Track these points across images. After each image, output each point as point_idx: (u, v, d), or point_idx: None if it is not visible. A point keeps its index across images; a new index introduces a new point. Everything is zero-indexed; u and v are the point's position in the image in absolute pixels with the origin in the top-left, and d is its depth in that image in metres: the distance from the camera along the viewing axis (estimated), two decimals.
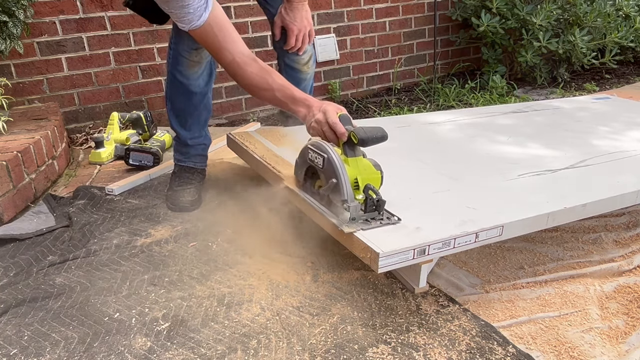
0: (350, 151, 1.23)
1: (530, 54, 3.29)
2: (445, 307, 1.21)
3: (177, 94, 1.73)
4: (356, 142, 1.21)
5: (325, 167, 1.19)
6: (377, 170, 1.23)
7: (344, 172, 1.16)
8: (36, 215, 1.69)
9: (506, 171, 1.51)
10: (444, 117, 2.13)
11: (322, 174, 1.23)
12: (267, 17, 1.88)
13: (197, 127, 1.82)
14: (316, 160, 1.23)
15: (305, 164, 1.31)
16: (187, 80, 1.69)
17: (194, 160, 1.85)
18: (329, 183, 1.18)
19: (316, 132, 1.31)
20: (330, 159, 1.18)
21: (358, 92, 3.47)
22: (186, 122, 1.79)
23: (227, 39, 1.43)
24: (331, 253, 1.44)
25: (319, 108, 1.32)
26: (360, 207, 1.16)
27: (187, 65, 1.66)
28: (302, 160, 1.33)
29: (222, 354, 1.07)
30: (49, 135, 2.00)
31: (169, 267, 1.39)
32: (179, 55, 1.65)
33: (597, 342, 1.09)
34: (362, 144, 1.21)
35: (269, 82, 1.42)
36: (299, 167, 1.36)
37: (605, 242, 1.47)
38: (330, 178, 1.17)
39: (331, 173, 1.17)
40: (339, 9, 3.25)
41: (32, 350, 1.10)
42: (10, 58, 2.38)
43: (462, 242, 1.15)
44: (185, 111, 1.77)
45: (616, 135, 1.86)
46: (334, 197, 1.19)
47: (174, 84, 1.71)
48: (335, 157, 1.17)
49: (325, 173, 1.20)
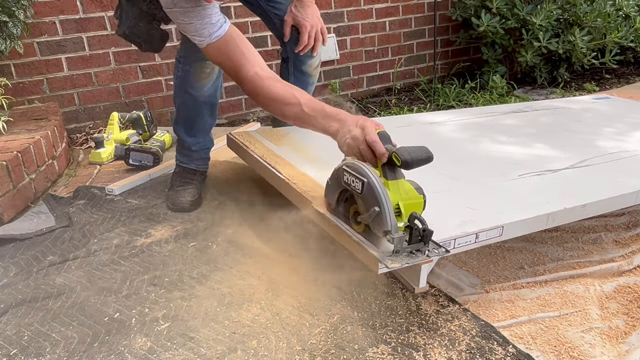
0: (390, 173, 1.11)
1: (530, 54, 3.29)
2: (445, 307, 1.21)
3: (186, 105, 1.73)
4: (399, 164, 1.08)
5: (365, 193, 1.07)
6: (420, 195, 1.11)
7: (387, 199, 1.04)
8: (36, 215, 1.69)
9: (506, 171, 1.51)
10: (444, 117, 2.13)
11: (360, 200, 1.10)
12: (266, 25, 1.83)
13: (203, 134, 1.83)
14: (353, 184, 1.11)
15: (338, 187, 1.18)
16: (198, 92, 1.69)
17: (197, 163, 1.85)
18: (369, 211, 1.06)
19: (352, 150, 1.17)
20: (371, 184, 1.06)
21: (358, 92, 3.47)
22: (192, 130, 1.79)
23: (250, 50, 1.35)
24: (331, 253, 1.44)
25: (355, 123, 1.18)
26: (405, 237, 1.04)
27: (198, 79, 1.65)
28: (335, 182, 1.20)
29: (222, 354, 1.07)
30: (49, 135, 2.00)
31: (169, 267, 1.39)
32: (191, 70, 1.63)
33: (597, 342, 1.09)
34: (405, 167, 1.08)
35: (296, 95, 1.29)
36: (331, 189, 1.22)
37: (605, 242, 1.47)
38: (371, 205, 1.06)
39: (372, 200, 1.06)
40: (339, 9, 3.25)
41: (32, 350, 1.10)
42: (10, 58, 2.38)
43: (462, 242, 1.15)
44: (193, 121, 1.77)
45: (616, 135, 1.86)
46: (374, 226, 1.07)
47: (183, 98, 1.71)
48: (377, 182, 1.06)
49: (365, 199, 1.08)
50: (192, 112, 1.75)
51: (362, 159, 1.15)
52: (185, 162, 1.84)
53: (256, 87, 1.33)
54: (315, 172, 1.51)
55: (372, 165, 1.13)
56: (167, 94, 2.80)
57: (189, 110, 1.75)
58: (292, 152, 1.68)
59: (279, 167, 1.54)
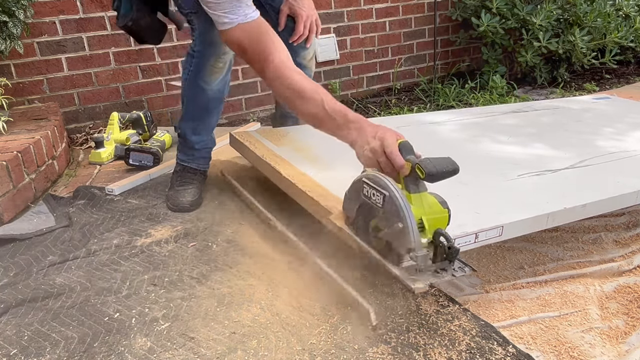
0: (413, 186, 1.05)
1: (530, 54, 3.29)
2: (445, 307, 1.21)
3: (196, 101, 1.74)
4: (422, 176, 1.03)
5: (386, 207, 1.02)
6: (445, 209, 1.05)
7: (411, 215, 0.99)
8: (36, 215, 1.69)
9: (506, 171, 1.51)
10: (444, 117, 2.13)
11: (380, 214, 1.05)
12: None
13: (206, 132, 1.83)
14: (374, 197, 1.06)
15: (358, 200, 1.13)
16: (209, 86, 1.69)
17: (198, 162, 1.85)
18: (392, 227, 1.01)
19: (371, 163, 1.13)
20: (393, 198, 1.01)
21: (358, 92, 3.47)
22: (198, 128, 1.79)
23: (279, 39, 1.34)
24: (332, 253, 1.43)
25: (374, 134, 1.13)
26: (429, 256, 1.00)
27: (210, 73, 1.65)
28: (354, 194, 1.15)
29: (222, 354, 1.07)
30: (49, 135, 2.00)
31: (169, 267, 1.39)
32: (206, 63, 1.62)
33: (597, 342, 1.09)
34: (429, 179, 1.03)
35: (319, 92, 1.23)
36: (350, 202, 1.17)
37: (605, 242, 1.47)
38: (392, 220, 1.01)
39: (394, 215, 1.01)
40: (339, 9, 3.25)
41: (32, 350, 1.10)
42: (10, 58, 2.38)
43: (462, 242, 1.15)
44: (201, 118, 1.78)
45: (616, 135, 1.86)
46: (397, 243, 1.02)
47: (194, 91, 1.70)
48: (400, 197, 1.01)
49: (386, 214, 1.03)
50: (201, 106, 1.75)
51: (383, 171, 1.10)
52: (187, 161, 1.84)
53: (281, 74, 1.28)
54: (315, 172, 1.51)
55: (394, 179, 1.07)
56: (167, 94, 2.80)
57: (198, 104, 1.75)
58: (293, 152, 1.68)
59: (278, 167, 1.54)
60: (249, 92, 3.05)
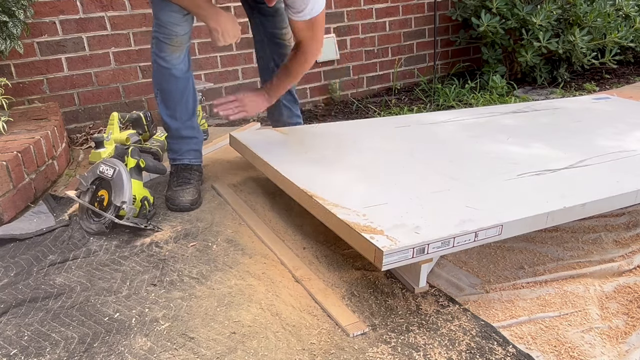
0: (135, 174, 1.66)
1: (530, 54, 3.29)
2: (445, 307, 1.21)
3: (162, 80, 1.78)
4: (143, 167, 1.68)
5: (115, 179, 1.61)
6: (145, 189, 1.67)
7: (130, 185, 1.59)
8: (36, 215, 1.69)
9: (506, 171, 1.51)
10: (444, 117, 2.13)
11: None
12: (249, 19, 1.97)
13: (186, 115, 1.83)
14: (107, 172, 1.62)
15: (94, 175, 1.69)
16: (170, 65, 1.73)
17: (189, 157, 1.85)
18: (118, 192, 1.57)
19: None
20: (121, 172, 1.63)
21: (358, 92, 3.47)
22: (175, 110, 1.81)
23: None
24: (332, 253, 1.44)
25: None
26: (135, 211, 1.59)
27: (169, 51, 1.70)
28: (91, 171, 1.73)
29: (222, 354, 1.07)
30: (49, 135, 2.00)
31: (169, 267, 1.39)
32: (161, 42, 1.69)
33: (597, 342, 1.09)
34: (145, 170, 1.72)
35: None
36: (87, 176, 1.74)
37: (605, 242, 1.47)
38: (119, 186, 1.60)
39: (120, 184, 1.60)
40: (339, 9, 3.25)
41: (32, 350, 1.10)
42: (10, 58, 2.38)
43: (462, 241, 1.15)
44: (172, 97, 1.80)
45: (616, 135, 1.86)
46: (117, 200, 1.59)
47: (159, 71, 1.76)
48: (125, 172, 1.60)
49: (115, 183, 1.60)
50: (169, 87, 1.78)
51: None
52: (178, 158, 1.85)
53: (312, 62, 1.82)
54: (314, 172, 1.51)
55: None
56: None
57: (167, 87, 1.79)
58: (290, 152, 1.68)
59: (278, 167, 1.54)
60: None
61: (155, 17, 1.69)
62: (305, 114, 3.16)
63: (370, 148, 1.73)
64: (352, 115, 3.06)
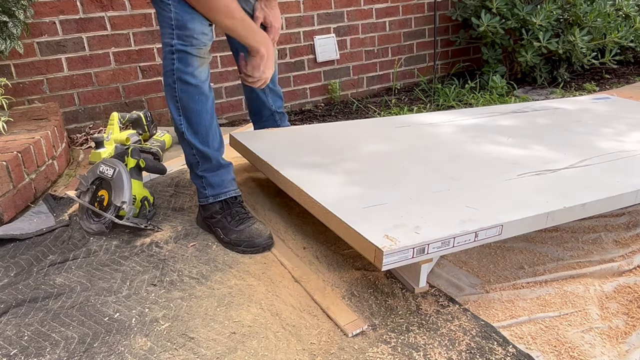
0: (135, 173, 1.66)
1: (530, 54, 3.29)
2: (445, 307, 1.21)
3: (191, 101, 1.47)
4: (143, 167, 1.67)
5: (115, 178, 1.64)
6: (145, 189, 1.66)
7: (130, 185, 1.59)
8: (36, 215, 1.69)
9: (506, 171, 1.51)
10: (444, 117, 2.13)
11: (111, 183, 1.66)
12: None
13: (218, 140, 1.56)
14: (107, 172, 1.64)
15: (94, 175, 1.71)
16: (199, 82, 1.46)
17: (232, 187, 1.59)
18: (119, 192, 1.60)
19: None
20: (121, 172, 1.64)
21: (358, 92, 3.47)
22: (207, 136, 1.52)
23: None
24: (332, 253, 1.44)
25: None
26: (134, 210, 1.60)
27: (197, 64, 1.45)
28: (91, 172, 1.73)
29: (222, 354, 1.07)
30: (49, 135, 2.00)
31: (169, 267, 1.39)
32: (189, 56, 1.43)
33: (597, 342, 1.09)
34: (145, 170, 1.71)
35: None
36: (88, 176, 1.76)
37: (605, 242, 1.47)
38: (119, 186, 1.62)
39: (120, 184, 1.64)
40: (339, 9, 3.25)
41: (32, 351, 1.10)
42: (10, 58, 2.38)
43: (462, 241, 1.15)
44: (204, 121, 1.51)
45: (616, 135, 1.86)
46: (117, 199, 1.60)
47: (186, 92, 1.46)
48: (125, 172, 1.61)
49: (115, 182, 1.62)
50: (200, 109, 1.51)
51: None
52: (223, 192, 1.56)
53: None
54: (314, 172, 1.51)
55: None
56: None
57: (198, 109, 1.50)
58: (289, 152, 1.68)
59: (278, 167, 1.54)
60: None
61: (181, 28, 1.41)
62: (305, 114, 3.16)
63: (370, 148, 1.73)
64: (352, 115, 3.06)
